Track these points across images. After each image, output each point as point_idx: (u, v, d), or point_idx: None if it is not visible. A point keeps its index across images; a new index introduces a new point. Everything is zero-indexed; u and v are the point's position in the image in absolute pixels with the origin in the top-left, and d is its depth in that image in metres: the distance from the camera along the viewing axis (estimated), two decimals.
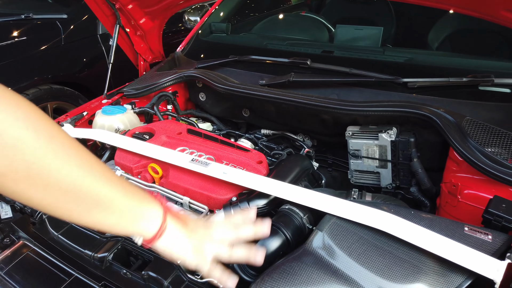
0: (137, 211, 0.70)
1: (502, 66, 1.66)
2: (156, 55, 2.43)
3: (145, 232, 0.73)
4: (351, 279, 0.96)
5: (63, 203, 0.61)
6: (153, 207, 0.73)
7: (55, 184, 0.58)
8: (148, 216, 0.72)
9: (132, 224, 0.70)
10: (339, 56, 1.87)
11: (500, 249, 0.98)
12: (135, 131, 1.63)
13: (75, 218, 0.65)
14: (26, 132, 0.54)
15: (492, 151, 1.23)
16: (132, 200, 0.69)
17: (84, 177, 0.62)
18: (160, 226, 0.73)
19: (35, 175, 0.56)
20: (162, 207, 0.75)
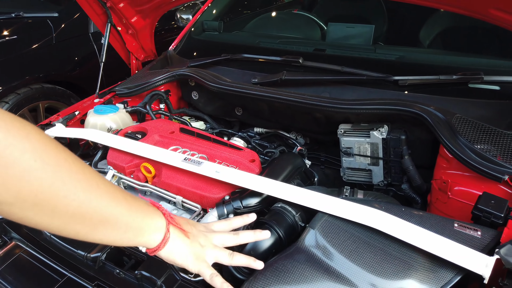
0: (141, 224, 0.73)
1: (491, 63, 1.68)
2: (148, 54, 2.43)
3: (148, 244, 0.76)
4: (343, 276, 0.97)
5: (70, 225, 0.63)
6: (157, 219, 0.76)
7: (62, 209, 0.60)
8: (151, 229, 0.75)
9: (137, 237, 0.73)
10: (331, 54, 1.88)
11: (489, 245, 0.99)
12: (127, 131, 1.63)
13: (82, 236, 0.67)
14: (33, 163, 0.55)
15: (481, 148, 1.24)
16: (136, 215, 0.72)
17: (90, 199, 0.63)
18: (163, 237, 0.76)
19: (42, 203, 0.57)
20: (165, 218, 0.78)
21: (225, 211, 1.24)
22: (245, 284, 1.02)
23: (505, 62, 1.65)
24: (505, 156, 1.21)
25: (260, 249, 1.12)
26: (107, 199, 0.66)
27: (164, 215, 0.78)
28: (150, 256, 1.06)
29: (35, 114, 3.22)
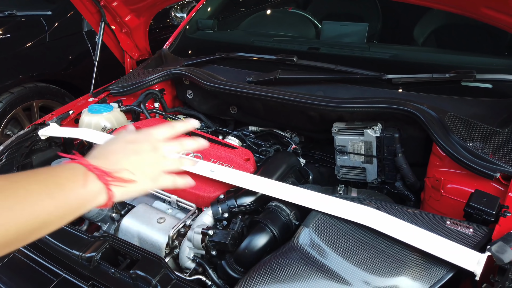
0: (81, 201, 0.69)
1: (484, 62, 1.70)
2: (143, 53, 2.42)
3: (97, 205, 0.72)
4: (336, 274, 0.98)
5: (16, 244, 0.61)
6: (93, 188, 0.71)
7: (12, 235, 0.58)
8: (92, 198, 0.71)
9: (82, 210, 0.70)
10: (325, 53, 1.89)
11: (480, 242, 1.01)
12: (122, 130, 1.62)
13: (37, 237, 0.65)
14: None
15: (473, 146, 1.25)
16: (73, 197, 0.68)
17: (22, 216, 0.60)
18: (106, 198, 0.72)
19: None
20: (101, 181, 0.72)
21: (220, 210, 1.24)
22: (239, 283, 1.02)
23: (498, 60, 1.67)
24: (497, 154, 1.22)
25: (254, 248, 1.12)
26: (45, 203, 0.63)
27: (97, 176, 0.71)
28: (145, 256, 1.06)
29: (29, 113, 3.20)
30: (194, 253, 1.20)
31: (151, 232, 1.24)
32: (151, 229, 1.25)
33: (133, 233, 1.27)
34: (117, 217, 1.47)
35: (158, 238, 1.22)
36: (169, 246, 1.22)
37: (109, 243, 1.11)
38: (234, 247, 1.14)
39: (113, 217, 1.47)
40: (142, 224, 1.27)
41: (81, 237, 1.15)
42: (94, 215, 1.43)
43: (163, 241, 1.22)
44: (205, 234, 1.14)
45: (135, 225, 1.28)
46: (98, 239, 1.13)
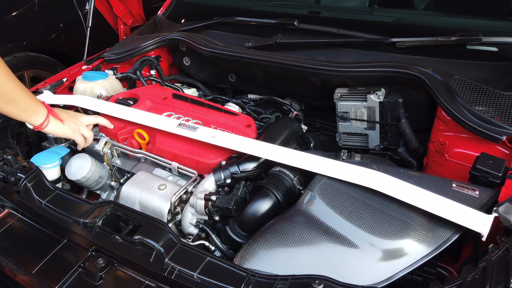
0: (32, 110, 1.19)
1: (490, 24, 1.65)
2: (137, 19, 2.34)
3: (34, 123, 1.21)
4: (342, 236, 0.97)
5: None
6: (41, 109, 1.22)
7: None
8: (37, 114, 1.20)
9: (27, 117, 1.20)
10: (327, 16, 1.83)
11: (486, 204, 1.00)
12: (118, 97, 1.58)
13: None
14: None
15: (479, 109, 1.23)
16: (30, 103, 1.18)
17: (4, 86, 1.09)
18: (43, 120, 1.22)
19: None
20: (47, 109, 1.23)
21: (222, 176, 1.22)
22: (244, 246, 1.02)
23: (504, 23, 1.62)
24: (502, 117, 1.20)
25: (258, 213, 1.11)
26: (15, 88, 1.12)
27: (46, 108, 1.24)
28: (148, 221, 1.04)
29: None
30: (197, 219, 1.19)
31: (152, 198, 1.22)
32: (152, 195, 1.23)
33: (134, 201, 1.26)
34: (116, 186, 1.46)
35: (160, 205, 1.21)
36: (171, 213, 1.21)
37: (111, 209, 1.09)
38: (237, 212, 1.13)
39: (112, 186, 1.46)
40: (143, 191, 1.25)
41: (82, 204, 1.13)
42: (92, 183, 1.41)
43: (164, 207, 1.20)
44: (208, 200, 1.12)
45: (135, 192, 1.26)
46: (99, 205, 1.11)
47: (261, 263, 0.96)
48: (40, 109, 1.21)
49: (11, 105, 1.13)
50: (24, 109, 1.17)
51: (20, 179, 1.20)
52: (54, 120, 1.25)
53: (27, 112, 1.18)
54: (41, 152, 1.42)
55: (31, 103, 1.18)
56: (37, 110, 1.20)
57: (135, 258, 0.98)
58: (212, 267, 0.93)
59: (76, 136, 1.32)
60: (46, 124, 1.22)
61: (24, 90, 1.15)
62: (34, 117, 1.20)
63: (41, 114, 1.21)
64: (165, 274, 0.93)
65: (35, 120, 1.20)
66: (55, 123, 1.25)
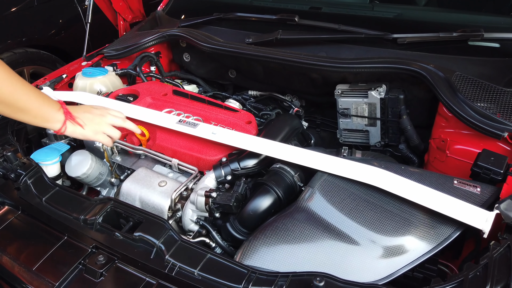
0: (47, 117, 1.12)
1: (491, 20, 1.64)
2: (136, 14, 2.32)
3: (52, 128, 1.16)
4: (343, 233, 0.97)
5: None
6: (58, 115, 1.14)
7: None
8: (54, 119, 1.14)
9: (43, 123, 1.14)
10: (327, 12, 1.82)
11: (488, 200, 1.00)
12: (118, 93, 1.58)
13: (7, 115, 1.08)
14: None
15: (481, 105, 1.23)
16: (44, 110, 1.11)
17: (12, 95, 1.03)
18: (61, 126, 1.15)
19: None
20: (64, 114, 1.16)
21: (223, 172, 1.22)
22: (245, 243, 1.02)
23: (505, 19, 1.61)
24: (504, 114, 1.20)
25: (259, 209, 1.11)
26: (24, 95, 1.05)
27: (64, 111, 1.16)
28: (148, 218, 1.04)
29: None
30: (198, 216, 1.18)
31: (153, 195, 1.22)
32: (152, 192, 1.23)
33: (134, 197, 1.25)
34: (116, 182, 1.45)
35: (160, 201, 1.20)
36: (171, 209, 1.20)
37: (111, 205, 1.08)
38: (238, 209, 1.12)
39: (113, 182, 1.45)
40: (143, 187, 1.25)
41: (82, 201, 1.13)
42: (93, 180, 1.40)
43: (165, 204, 1.20)
44: (209, 196, 1.12)
45: (136, 189, 1.25)
46: (100, 202, 1.11)
47: (262, 260, 0.96)
48: (55, 115, 1.13)
49: (23, 113, 1.08)
50: (35, 116, 1.11)
51: (20, 175, 1.20)
52: (72, 124, 1.18)
53: (41, 118, 1.12)
54: (41, 148, 1.42)
55: (44, 109, 1.11)
56: (51, 117, 1.13)
57: (135, 255, 0.98)
58: (212, 264, 0.93)
59: (99, 137, 1.25)
60: (64, 129, 1.17)
61: (35, 96, 1.08)
62: (49, 123, 1.14)
63: (57, 120, 1.14)
64: (165, 271, 0.93)
65: (52, 126, 1.15)
66: (73, 128, 1.19)
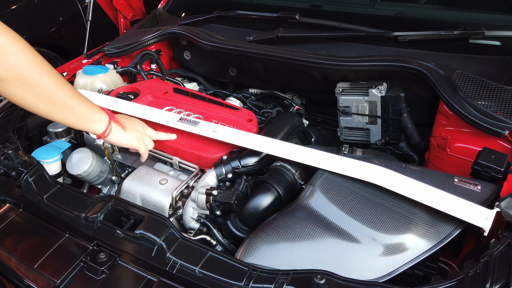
0: (91, 116, 1.08)
1: (492, 18, 1.64)
2: (137, 12, 2.32)
3: (95, 131, 1.12)
4: (344, 231, 0.97)
5: (43, 105, 0.98)
6: (102, 115, 1.11)
7: (38, 91, 0.95)
8: (97, 121, 1.10)
9: (87, 124, 1.09)
10: (328, 10, 1.82)
11: (488, 198, 1.00)
12: (119, 91, 1.58)
13: (51, 116, 1.02)
14: (23, 58, 0.90)
15: (481, 103, 1.23)
16: (88, 109, 1.07)
17: (56, 90, 0.98)
18: (105, 128, 1.11)
19: (27, 84, 0.92)
20: (108, 115, 1.13)
21: (224, 170, 1.22)
22: (245, 241, 1.02)
23: (506, 17, 1.61)
24: (505, 112, 1.20)
25: (260, 207, 1.11)
26: (68, 93, 1.01)
27: (107, 113, 1.13)
28: (150, 216, 1.04)
29: None
30: (198, 214, 1.19)
31: (154, 193, 1.22)
32: (153, 190, 1.23)
33: (135, 195, 1.26)
34: (117, 180, 1.45)
35: (161, 199, 1.21)
36: (172, 207, 1.21)
37: (112, 203, 1.09)
38: (238, 207, 1.13)
39: (113, 180, 1.45)
40: (144, 185, 1.25)
41: (83, 199, 1.13)
42: (93, 178, 1.41)
43: (166, 202, 1.20)
44: (210, 194, 1.12)
45: (136, 187, 1.26)
46: (101, 200, 1.11)
47: (263, 258, 0.96)
48: (100, 115, 1.10)
49: (66, 112, 1.02)
50: (82, 116, 1.05)
51: (21, 173, 1.20)
52: (117, 127, 1.15)
53: (85, 118, 1.07)
54: (42, 146, 1.42)
55: (87, 108, 1.07)
56: (96, 116, 1.09)
57: (136, 252, 0.99)
58: (213, 262, 0.93)
59: (140, 145, 1.21)
60: (109, 131, 1.12)
61: (78, 95, 1.05)
62: (94, 124, 1.09)
63: (102, 121, 1.10)
64: (166, 268, 0.93)
65: (96, 127, 1.10)
66: (118, 130, 1.15)
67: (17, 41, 0.89)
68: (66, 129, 1.53)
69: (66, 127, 1.53)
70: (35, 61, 0.93)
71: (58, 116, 1.03)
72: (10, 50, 0.88)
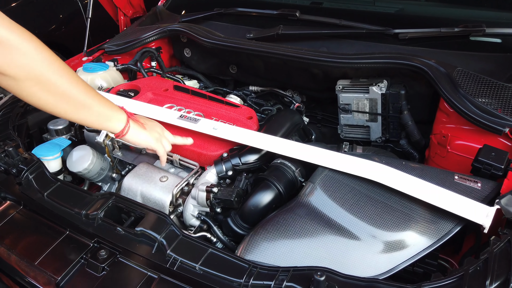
0: (109, 114, 1.05)
1: (493, 15, 1.63)
2: (137, 9, 2.32)
3: (114, 129, 1.08)
4: (344, 228, 0.98)
5: (60, 104, 0.96)
6: (120, 113, 1.09)
7: (54, 90, 0.92)
8: (116, 119, 1.07)
9: (105, 122, 1.06)
10: (329, 7, 1.82)
11: (489, 196, 1.00)
12: (119, 89, 1.58)
13: (69, 115, 1.00)
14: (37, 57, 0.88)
15: (482, 101, 1.23)
16: (105, 107, 1.04)
17: (72, 88, 0.95)
18: (124, 126, 1.09)
19: (42, 83, 0.90)
20: (126, 113, 1.10)
21: (224, 168, 1.22)
22: (246, 238, 1.02)
23: (507, 14, 1.60)
24: (505, 109, 1.20)
25: (260, 204, 1.11)
26: (84, 92, 0.98)
27: (125, 112, 1.11)
28: (150, 213, 1.04)
29: None
30: (199, 211, 1.19)
31: (154, 190, 1.23)
32: (153, 187, 1.23)
33: (136, 192, 1.26)
34: (117, 177, 1.45)
35: (162, 197, 1.21)
36: (172, 204, 1.21)
37: (112, 200, 1.09)
38: (239, 204, 1.13)
39: (114, 177, 1.45)
40: (144, 182, 1.25)
41: (83, 196, 1.13)
42: (94, 175, 1.41)
43: (166, 199, 1.20)
44: (210, 192, 1.12)
45: (137, 184, 1.26)
46: (101, 197, 1.11)
47: (263, 255, 0.96)
48: (118, 113, 1.08)
49: (84, 110, 1.00)
50: (99, 114, 1.03)
51: (22, 171, 1.20)
52: (136, 125, 1.12)
53: (103, 116, 1.04)
54: (42, 144, 1.42)
55: (105, 107, 1.04)
56: (114, 114, 1.06)
57: (137, 249, 0.99)
58: (214, 259, 0.93)
59: (159, 146, 1.17)
60: (127, 130, 1.09)
61: (95, 94, 1.02)
62: (113, 122, 1.07)
63: (120, 119, 1.08)
64: (167, 265, 0.93)
65: (115, 126, 1.07)
66: (137, 129, 1.12)
67: (31, 40, 0.88)
68: (66, 126, 1.53)
69: (67, 124, 1.52)
70: (50, 60, 0.91)
71: (77, 116, 1.01)
72: (25, 49, 0.86)
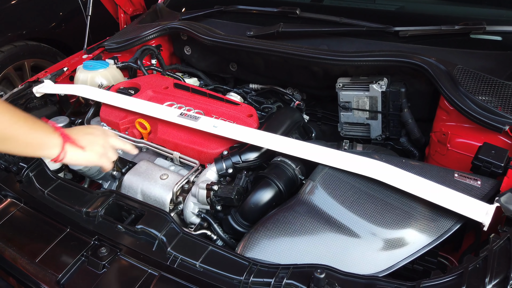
0: (39, 142, 0.95)
1: (494, 13, 1.63)
2: (137, 7, 2.31)
3: (48, 156, 0.98)
4: (344, 226, 0.98)
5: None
6: (53, 139, 0.97)
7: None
8: (49, 146, 0.96)
9: (37, 151, 0.97)
10: (329, 5, 1.82)
11: (488, 193, 1.00)
12: (119, 86, 1.58)
13: None
14: None
15: (482, 99, 1.22)
16: (34, 135, 0.93)
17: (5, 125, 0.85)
18: (59, 152, 0.98)
19: None
20: (62, 138, 0.99)
21: (224, 166, 1.22)
22: (246, 236, 1.02)
23: (508, 12, 1.60)
24: (505, 107, 1.20)
25: (260, 202, 1.12)
26: (8, 123, 0.87)
27: (61, 135, 0.99)
28: (150, 211, 1.05)
29: (21, 73, 3.10)
30: (199, 208, 1.19)
31: (154, 188, 1.23)
32: (154, 185, 1.23)
33: (136, 190, 1.26)
34: (118, 175, 1.46)
35: (162, 194, 1.21)
36: (173, 202, 1.21)
37: (113, 198, 1.09)
38: (239, 202, 1.13)
39: (114, 175, 1.46)
40: (145, 180, 1.25)
41: (84, 193, 1.13)
42: (94, 173, 1.41)
43: (166, 197, 1.20)
44: (210, 189, 1.13)
45: (137, 182, 1.26)
46: (101, 194, 1.11)
47: (263, 252, 0.96)
48: (51, 139, 0.97)
49: (7, 142, 0.89)
50: (27, 144, 0.93)
51: (22, 168, 1.21)
52: (73, 148, 1.02)
53: (32, 146, 0.94)
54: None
55: (35, 136, 0.94)
56: (46, 142, 0.96)
57: (137, 247, 0.99)
58: (214, 256, 0.93)
59: (104, 161, 1.10)
60: (63, 155, 0.99)
61: (23, 122, 0.91)
62: (45, 150, 0.97)
63: (54, 145, 0.97)
64: (167, 263, 0.94)
65: (48, 153, 0.98)
66: (74, 152, 1.02)
67: None
68: (67, 124, 1.53)
69: (67, 122, 1.52)
70: None
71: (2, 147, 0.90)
72: None
